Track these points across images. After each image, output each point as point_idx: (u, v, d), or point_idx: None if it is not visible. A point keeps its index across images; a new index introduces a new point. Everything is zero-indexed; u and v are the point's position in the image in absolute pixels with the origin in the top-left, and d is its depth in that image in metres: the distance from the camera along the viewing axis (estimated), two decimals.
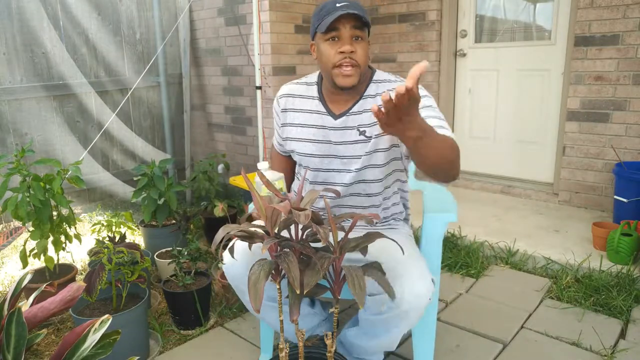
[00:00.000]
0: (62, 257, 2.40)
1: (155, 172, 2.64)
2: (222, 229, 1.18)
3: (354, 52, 1.37)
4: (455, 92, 3.85)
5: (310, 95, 1.56)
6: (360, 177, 1.52)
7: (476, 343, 1.94)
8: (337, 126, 1.49)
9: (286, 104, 1.59)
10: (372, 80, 1.51)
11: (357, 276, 1.13)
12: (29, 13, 3.16)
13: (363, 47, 1.39)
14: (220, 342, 2.00)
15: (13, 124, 3.20)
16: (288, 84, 1.63)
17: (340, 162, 1.52)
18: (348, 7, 1.34)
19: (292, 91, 1.60)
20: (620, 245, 2.38)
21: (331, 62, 1.39)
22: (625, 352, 1.85)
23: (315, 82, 1.57)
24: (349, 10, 1.33)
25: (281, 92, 1.62)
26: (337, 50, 1.37)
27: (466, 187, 3.77)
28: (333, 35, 1.37)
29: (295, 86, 1.61)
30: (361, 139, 1.47)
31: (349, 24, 1.36)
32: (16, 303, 1.29)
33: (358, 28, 1.37)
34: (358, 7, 1.36)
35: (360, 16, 1.34)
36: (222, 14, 3.77)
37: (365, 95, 1.49)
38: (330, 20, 1.33)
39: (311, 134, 1.53)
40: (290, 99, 1.59)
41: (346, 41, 1.37)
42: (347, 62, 1.37)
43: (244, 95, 3.80)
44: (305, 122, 1.55)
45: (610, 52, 2.94)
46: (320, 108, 1.53)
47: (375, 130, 1.46)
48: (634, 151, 2.96)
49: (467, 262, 2.60)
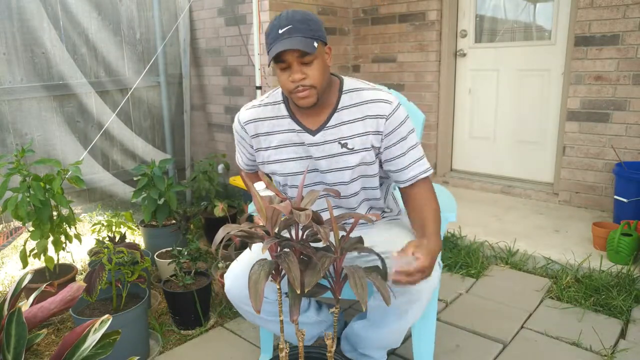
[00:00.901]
0: (62, 257, 2.40)
1: (155, 172, 2.64)
2: (222, 229, 1.18)
3: (305, 78, 1.34)
4: (455, 92, 3.85)
5: (280, 115, 1.50)
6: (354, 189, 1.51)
7: (476, 343, 1.94)
8: (316, 142, 1.46)
9: (256, 129, 1.52)
10: (343, 91, 1.47)
11: (359, 276, 1.13)
12: (29, 13, 3.16)
13: (316, 68, 1.34)
14: (220, 342, 2.00)
15: (13, 124, 3.20)
16: (250, 107, 1.55)
17: (321, 175, 1.51)
18: (290, 32, 1.29)
19: (258, 115, 1.52)
20: (621, 245, 2.38)
21: (286, 89, 1.38)
22: (626, 352, 1.85)
23: (281, 100, 1.51)
24: (290, 46, 1.28)
25: (246, 118, 1.53)
26: (288, 79, 1.35)
27: (466, 187, 3.77)
28: (282, 66, 1.35)
29: (260, 109, 1.53)
30: (343, 151, 1.45)
31: (295, 53, 1.31)
32: (16, 303, 1.29)
33: (305, 55, 1.31)
34: (301, 30, 1.30)
35: (302, 50, 1.29)
36: (222, 14, 3.78)
37: (340, 108, 1.45)
38: (273, 54, 1.30)
39: (292, 153, 1.50)
40: (259, 123, 1.52)
41: (295, 69, 1.33)
42: (300, 89, 1.35)
43: (244, 95, 3.80)
44: (282, 142, 1.50)
45: (611, 52, 2.94)
46: (294, 126, 1.48)
47: (357, 143, 1.45)
48: (634, 151, 2.96)
49: (467, 262, 2.60)
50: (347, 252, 1.23)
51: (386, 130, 1.43)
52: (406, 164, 1.46)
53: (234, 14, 3.68)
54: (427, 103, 3.79)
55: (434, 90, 3.76)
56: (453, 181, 3.85)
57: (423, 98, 3.81)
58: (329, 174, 1.49)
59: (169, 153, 3.96)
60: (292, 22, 1.30)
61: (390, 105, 1.43)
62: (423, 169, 1.47)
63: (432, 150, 3.87)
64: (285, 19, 1.32)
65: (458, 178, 3.84)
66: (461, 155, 3.93)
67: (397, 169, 1.47)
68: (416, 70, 3.82)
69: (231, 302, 1.53)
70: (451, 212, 1.64)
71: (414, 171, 1.46)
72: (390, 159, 1.47)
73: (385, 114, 1.42)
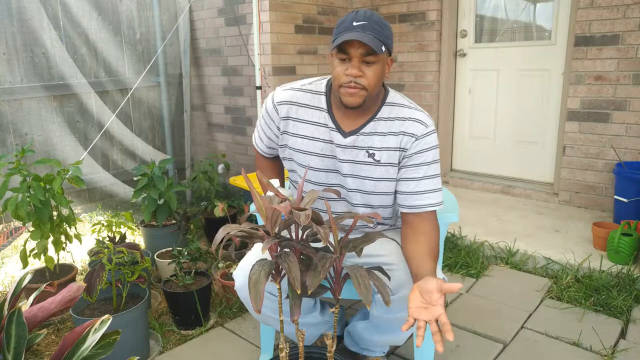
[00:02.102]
0: (62, 257, 2.40)
1: (155, 172, 2.64)
2: (223, 229, 1.18)
3: (362, 77, 1.31)
4: (455, 92, 3.85)
5: (318, 107, 1.46)
6: (367, 201, 1.50)
7: (476, 343, 1.94)
8: (345, 144, 1.44)
9: (288, 112, 1.48)
10: (385, 103, 1.44)
11: (361, 276, 1.13)
12: (29, 13, 3.16)
13: (374, 71, 1.31)
14: (220, 342, 2.00)
15: (13, 124, 3.20)
16: (288, 89, 1.51)
17: (341, 178, 1.49)
18: (364, 28, 1.27)
19: (297, 99, 1.48)
20: (621, 245, 2.38)
21: (338, 81, 1.34)
22: (626, 352, 1.85)
23: (323, 92, 1.47)
24: (361, 39, 1.24)
25: (281, 98, 1.50)
26: (344, 71, 1.32)
27: (466, 187, 3.77)
28: (342, 57, 1.32)
29: (300, 93, 1.49)
30: (369, 161, 1.43)
31: (360, 49, 1.28)
32: (16, 303, 1.29)
33: (370, 54, 1.29)
34: (375, 30, 1.28)
35: (371, 46, 1.26)
36: (222, 14, 3.78)
37: (378, 118, 1.43)
38: (340, 41, 1.27)
39: (318, 148, 1.47)
40: (294, 107, 1.48)
41: (355, 64, 1.30)
42: (353, 85, 1.32)
43: (244, 95, 3.80)
44: (312, 135, 1.47)
45: (611, 52, 2.94)
46: (329, 122, 1.45)
47: (384, 156, 1.42)
48: (634, 151, 2.96)
49: (467, 262, 2.60)
50: (347, 252, 1.23)
51: (411, 150, 1.40)
52: (420, 190, 1.41)
53: (234, 14, 3.68)
54: (427, 103, 3.79)
55: (434, 90, 3.76)
56: (453, 181, 3.85)
57: (423, 98, 3.81)
58: (350, 179, 1.46)
59: (169, 153, 3.96)
60: (369, 20, 1.29)
61: (425, 127, 1.41)
62: (435, 201, 1.41)
63: None
64: (363, 15, 1.30)
65: (458, 178, 3.84)
66: (461, 155, 3.93)
67: (408, 192, 1.42)
68: (416, 70, 3.82)
69: (242, 301, 1.52)
70: (453, 212, 1.64)
71: (426, 200, 1.41)
72: (404, 179, 1.43)
73: (417, 134, 1.40)
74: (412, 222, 1.42)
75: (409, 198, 1.42)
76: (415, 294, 1.18)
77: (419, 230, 1.39)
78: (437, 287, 1.16)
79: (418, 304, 1.16)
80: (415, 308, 1.16)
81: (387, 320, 1.48)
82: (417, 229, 1.40)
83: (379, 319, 1.50)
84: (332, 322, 1.74)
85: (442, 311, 1.13)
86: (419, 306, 1.16)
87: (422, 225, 1.40)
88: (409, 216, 1.43)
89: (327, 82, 1.49)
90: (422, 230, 1.39)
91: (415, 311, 1.15)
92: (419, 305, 1.16)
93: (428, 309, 1.15)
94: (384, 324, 1.51)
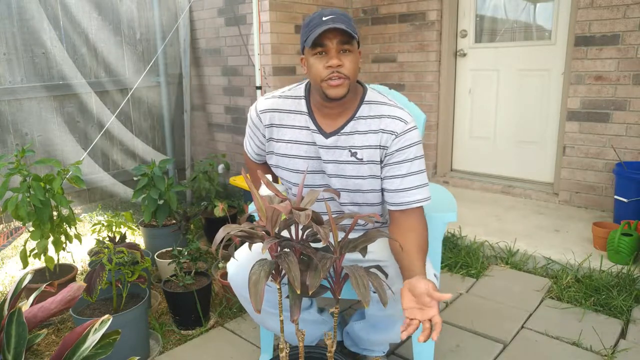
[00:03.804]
0: (62, 257, 2.40)
1: (155, 172, 2.64)
2: (223, 229, 1.18)
3: (342, 66, 1.34)
4: (455, 92, 3.85)
5: (299, 110, 1.49)
6: (353, 199, 1.50)
7: (476, 343, 1.94)
8: (328, 145, 1.46)
9: (271, 119, 1.51)
10: (363, 101, 1.46)
11: (360, 276, 1.13)
12: (29, 13, 3.16)
13: (351, 60, 1.35)
14: (220, 342, 2.00)
15: (13, 124, 3.20)
16: (269, 97, 1.54)
17: (327, 179, 1.50)
18: (334, 20, 1.30)
19: (278, 106, 1.51)
20: (621, 245, 2.38)
21: (319, 77, 1.36)
22: (626, 352, 1.85)
23: (303, 95, 1.50)
24: (335, 25, 1.28)
25: (263, 107, 1.52)
26: (324, 65, 1.34)
27: (466, 187, 3.77)
28: (320, 50, 1.34)
29: (280, 100, 1.52)
30: (352, 160, 1.45)
31: (335, 39, 1.32)
32: (16, 303, 1.29)
33: (345, 42, 1.32)
34: (345, 21, 1.32)
35: (347, 31, 1.31)
36: (222, 14, 3.78)
37: (357, 117, 1.44)
38: (315, 35, 1.30)
39: (302, 151, 1.49)
40: (276, 114, 1.51)
41: (333, 55, 1.32)
42: (335, 76, 1.34)
43: (244, 95, 3.81)
44: (295, 138, 1.49)
45: (611, 52, 2.94)
46: (310, 124, 1.47)
47: (366, 155, 1.43)
48: (634, 151, 2.96)
49: (467, 262, 2.60)
50: (347, 252, 1.23)
51: (392, 147, 1.41)
52: (405, 187, 1.41)
53: (234, 14, 3.68)
54: (427, 103, 3.79)
55: (434, 90, 3.76)
56: (453, 181, 3.85)
57: (423, 98, 3.81)
58: (335, 179, 1.48)
59: (169, 153, 3.96)
60: (336, 14, 1.34)
61: (404, 124, 1.41)
62: (421, 197, 1.42)
63: (432, 150, 3.87)
64: (330, 11, 1.35)
65: (458, 178, 3.84)
66: (461, 155, 3.93)
67: (393, 189, 1.43)
68: (416, 70, 3.82)
69: (234, 290, 1.52)
70: (451, 211, 1.64)
71: (412, 197, 1.41)
72: (388, 177, 1.44)
73: (396, 132, 1.40)
74: (399, 219, 1.43)
75: (394, 196, 1.43)
76: (408, 294, 1.20)
77: (407, 227, 1.40)
78: (427, 291, 1.17)
79: (412, 305, 1.18)
80: (410, 310, 1.18)
81: (382, 317, 1.50)
82: (405, 225, 1.41)
83: (375, 317, 1.52)
84: (331, 322, 1.74)
85: (436, 313, 1.16)
86: (413, 307, 1.18)
87: (409, 221, 1.41)
88: (395, 213, 1.44)
89: (305, 86, 1.52)
90: (409, 226, 1.40)
91: (410, 313, 1.18)
92: (413, 307, 1.18)
93: (423, 310, 1.17)
94: (380, 321, 1.53)
